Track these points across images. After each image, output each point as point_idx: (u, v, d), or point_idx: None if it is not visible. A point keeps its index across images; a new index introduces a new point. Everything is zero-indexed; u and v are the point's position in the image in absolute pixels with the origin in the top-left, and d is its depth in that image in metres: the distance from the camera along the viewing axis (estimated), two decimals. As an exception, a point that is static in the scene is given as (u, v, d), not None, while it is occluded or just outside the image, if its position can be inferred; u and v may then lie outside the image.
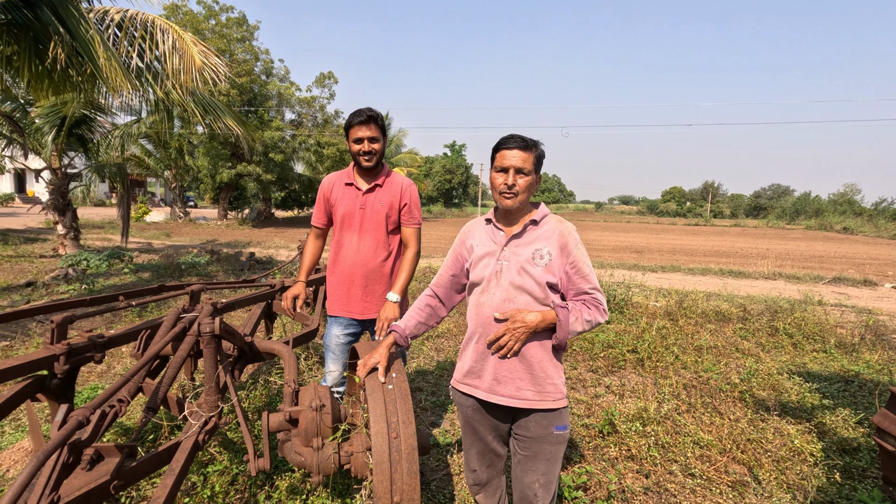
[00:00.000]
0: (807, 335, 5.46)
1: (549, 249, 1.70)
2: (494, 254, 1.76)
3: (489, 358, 1.76)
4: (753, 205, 72.64)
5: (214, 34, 23.07)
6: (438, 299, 1.92)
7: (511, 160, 1.68)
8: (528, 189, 1.71)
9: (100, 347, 2.26)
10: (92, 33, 4.32)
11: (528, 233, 1.75)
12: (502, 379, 1.73)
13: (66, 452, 1.40)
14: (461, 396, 1.88)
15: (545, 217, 1.78)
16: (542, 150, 1.74)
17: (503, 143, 1.71)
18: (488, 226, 1.85)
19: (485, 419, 1.84)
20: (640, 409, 3.22)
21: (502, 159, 1.70)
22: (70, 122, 9.67)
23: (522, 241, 1.74)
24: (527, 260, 1.70)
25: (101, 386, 3.75)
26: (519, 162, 1.67)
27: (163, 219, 27.45)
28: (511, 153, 1.68)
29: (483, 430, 1.86)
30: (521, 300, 1.69)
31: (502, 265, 1.74)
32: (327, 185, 2.58)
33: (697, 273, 11.79)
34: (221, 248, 13.25)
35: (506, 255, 1.74)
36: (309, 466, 1.85)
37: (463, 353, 1.87)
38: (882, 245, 24.55)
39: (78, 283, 7.49)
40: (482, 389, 1.77)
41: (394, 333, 1.82)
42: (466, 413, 1.87)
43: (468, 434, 1.91)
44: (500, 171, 1.71)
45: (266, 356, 2.53)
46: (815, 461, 2.87)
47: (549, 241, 1.72)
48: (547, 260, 1.69)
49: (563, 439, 1.76)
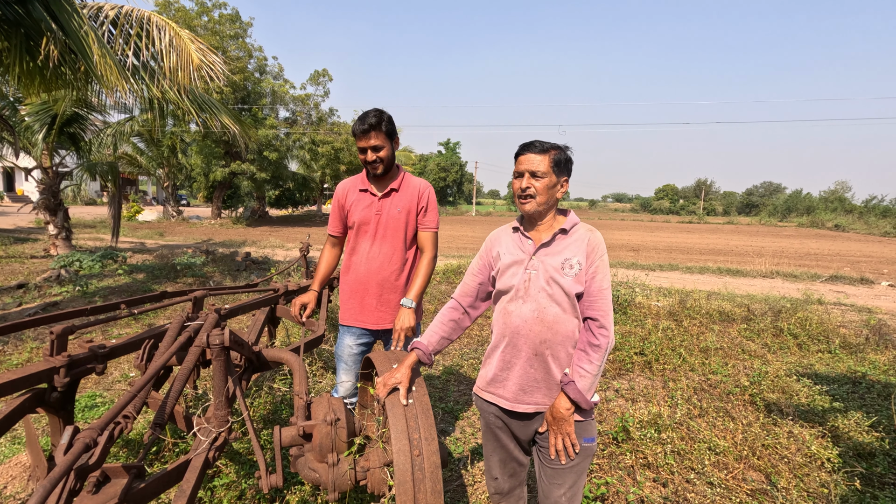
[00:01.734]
0: (811, 336, 5.44)
1: (578, 259, 1.66)
2: (522, 262, 1.72)
3: (515, 367, 1.72)
4: (746, 202, 73.16)
5: (207, 31, 22.79)
6: (463, 310, 1.86)
7: (525, 164, 1.68)
8: (545, 192, 1.67)
9: (101, 358, 2.17)
10: (86, 29, 4.18)
11: (558, 242, 1.71)
12: (528, 388, 1.70)
13: (72, 479, 1.31)
14: (484, 403, 1.84)
15: (575, 226, 1.74)
16: (563, 153, 1.69)
17: (519, 150, 1.72)
18: (515, 234, 1.80)
19: (507, 426, 1.80)
20: (655, 416, 3.16)
21: (518, 165, 1.71)
22: (61, 120, 9.47)
23: (551, 250, 1.70)
24: (556, 269, 1.66)
25: (99, 393, 3.64)
26: (532, 165, 1.66)
27: (155, 218, 27.14)
28: (524, 157, 1.69)
29: (505, 438, 1.82)
30: (551, 311, 1.66)
31: (531, 274, 1.70)
32: (342, 191, 2.49)
33: (696, 272, 11.80)
34: (216, 248, 13.09)
35: (534, 264, 1.70)
36: (324, 483, 1.77)
37: (487, 361, 1.82)
38: (874, 242, 24.77)
39: (71, 285, 7.34)
40: (507, 399, 1.74)
41: (417, 351, 1.74)
42: (489, 419, 1.84)
43: (490, 440, 1.87)
44: (517, 176, 1.71)
45: (273, 365, 2.45)
46: (833, 467, 2.83)
47: (577, 250, 1.68)
48: (577, 269, 1.65)
49: (590, 452, 1.71)
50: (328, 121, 28.53)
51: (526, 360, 1.70)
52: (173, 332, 2.26)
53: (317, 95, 27.71)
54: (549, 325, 1.66)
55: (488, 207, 72.38)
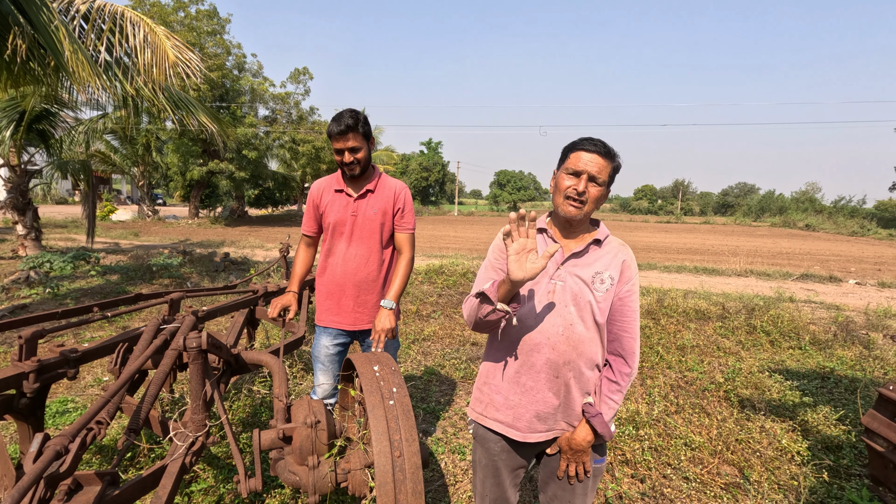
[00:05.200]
0: (783, 333, 5.61)
1: (610, 273, 1.52)
2: (548, 271, 1.54)
3: (531, 391, 1.54)
4: (721, 202, 74.87)
5: (184, 27, 22.28)
6: None
7: (587, 165, 1.46)
8: (596, 202, 1.50)
9: (73, 363, 2.11)
10: (57, 24, 4.06)
11: (591, 253, 1.55)
12: (544, 416, 1.55)
13: (42, 487, 1.28)
14: (488, 434, 1.64)
15: (607, 237, 1.59)
16: (620, 162, 1.52)
17: (580, 144, 1.49)
18: (540, 236, 1.59)
19: (511, 459, 1.65)
20: (633, 413, 3.22)
21: (577, 161, 1.48)
22: (30, 117, 9.16)
23: (583, 262, 1.54)
24: (585, 282, 1.51)
25: (71, 399, 3.54)
26: (595, 169, 1.45)
27: (130, 217, 26.46)
28: (589, 157, 1.46)
29: (505, 473, 1.66)
30: (578, 330, 1.50)
31: (556, 285, 1.52)
32: (317, 191, 2.46)
33: (673, 271, 12.03)
34: (194, 249, 12.83)
35: (561, 274, 1.53)
36: (304, 486, 1.76)
37: (491, 381, 1.63)
38: (842, 241, 25.62)
39: (41, 287, 7.11)
40: (520, 430, 1.57)
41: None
42: (492, 451, 1.65)
43: (489, 478, 1.68)
44: (572, 174, 1.49)
45: (253, 367, 2.41)
46: (803, 460, 2.93)
47: (610, 265, 1.53)
48: (608, 285, 1.51)
49: (599, 472, 1.64)
50: (309, 119, 28.21)
51: (546, 382, 1.53)
52: (149, 335, 2.21)
53: (297, 94, 27.40)
54: (574, 345, 1.49)
55: (470, 207, 72.58)
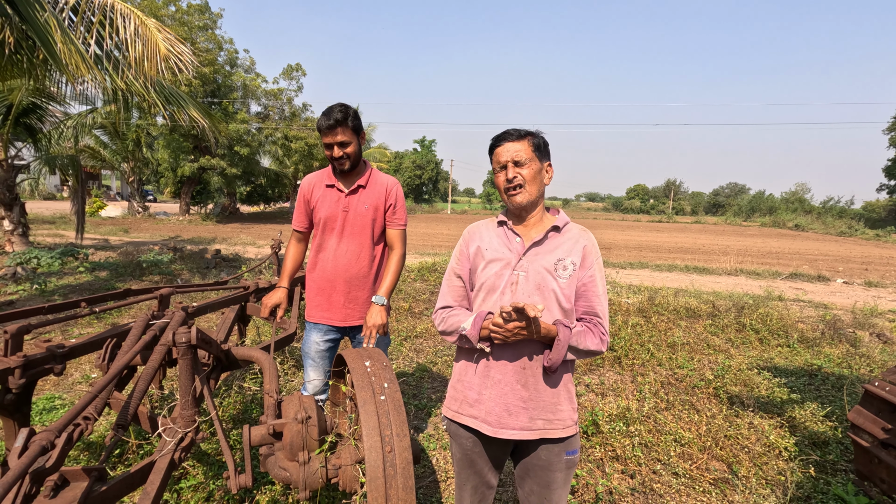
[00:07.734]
0: (772, 331, 5.67)
1: (572, 259, 1.56)
2: (510, 263, 1.59)
3: (498, 384, 1.56)
4: (712, 202, 75.46)
5: (175, 21, 22.03)
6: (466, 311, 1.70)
7: (505, 155, 1.57)
8: (533, 180, 1.57)
9: (60, 359, 2.08)
10: (47, 16, 4.00)
11: (550, 240, 1.60)
12: (513, 409, 1.56)
13: (27, 483, 1.26)
14: (460, 429, 1.67)
15: (567, 224, 1.64)
16: (541, 137, 1.61)
17: (494, 143, 1.61)
18: (501, 228, 1.67)
19: (485, 451, 1.67)
20: (623, 409, 3.24)
21: (498, 157, 1.60)
22: (17, 111, 9.02)
23: (544, 250, 1.59)
24: (548, 270, 1.55)
25: (58, 395, 3.50)
26: (513, 154, 1.56)
27: (120, 214, 26.18)
28: (502, 148, 1.59)
29: (481, 463, 1.69)
30: (543, 318, 1.51)
31: (519, 276, 1.56)
32: (307, 186, 2.44)
33: (664, 269, 12.12)
34: (185, 245, 12.72)
35: (523, 265, 1.57)
36: (295, 482, 1.75)
37: (462, 377, 1.67)
38: (830, 241, 25.92)
39: (28, 283, 7.02)
40: (490, 424, 1.58)
41: None
42: (465, 446, 1.68)
43: (465, 468, 1.71)
44: (500, 169, 1.60)
45: (243, 364, 2.40)
46: (790, 456, 2.96)
47: (571, 250, 1.57)
48: (571, 271, 1.55)
49: (573, 464, 1.65)
50: (301, 116, 28.04)
51: (514, 374, 1.55)
52: (137, 331, 2.19)
53: (290, 90, 27.24)
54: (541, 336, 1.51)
55: (464, 205, 72.56)
